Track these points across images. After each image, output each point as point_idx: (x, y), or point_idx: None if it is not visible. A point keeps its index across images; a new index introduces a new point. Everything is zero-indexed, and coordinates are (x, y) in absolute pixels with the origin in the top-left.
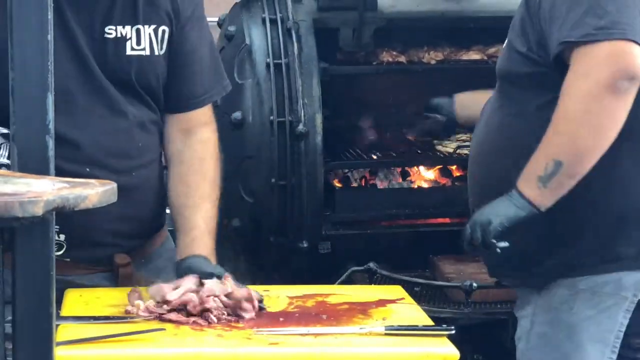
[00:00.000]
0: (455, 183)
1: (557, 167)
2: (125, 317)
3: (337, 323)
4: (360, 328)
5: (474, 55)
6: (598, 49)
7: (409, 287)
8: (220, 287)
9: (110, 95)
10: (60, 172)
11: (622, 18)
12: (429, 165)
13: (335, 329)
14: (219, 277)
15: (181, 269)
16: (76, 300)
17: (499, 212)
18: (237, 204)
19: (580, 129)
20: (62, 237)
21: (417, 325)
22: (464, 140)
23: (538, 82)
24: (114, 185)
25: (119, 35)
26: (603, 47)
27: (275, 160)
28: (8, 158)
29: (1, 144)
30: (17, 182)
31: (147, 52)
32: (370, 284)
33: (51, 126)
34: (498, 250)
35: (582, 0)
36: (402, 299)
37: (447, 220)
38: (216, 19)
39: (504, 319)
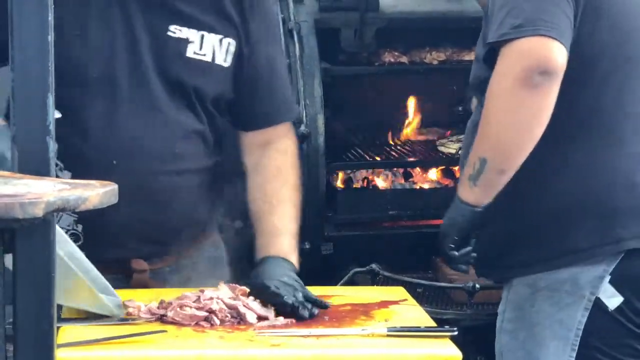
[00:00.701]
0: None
1: (483, 165)
2: (127, 319)
3: (340, 324)
4: (363, 329)
5: None
6: (513, 47)
7: (411, 289)
8: (227, 293)
9: (155, 93)
10: (83, 159)
11: (537, 15)
12: (432, 166)
13: (338, 330)
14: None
15: (253, 274)
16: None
17: (450, 222)
18: (240, 205)
19: (500, 127)
20: (80, 227)
21: (419, 327)
22: None
23: None
24: (115, 186)
25: (182, 36)
26: (517, 45)
27: None
28: None
29: None
30: (17, 183)
31: (209, 59)
32: (373, 285)
33: (52, 127)
34: (456, 254)
35: (507, 3)
36: (405, 300)
37: None
38: None
39: None
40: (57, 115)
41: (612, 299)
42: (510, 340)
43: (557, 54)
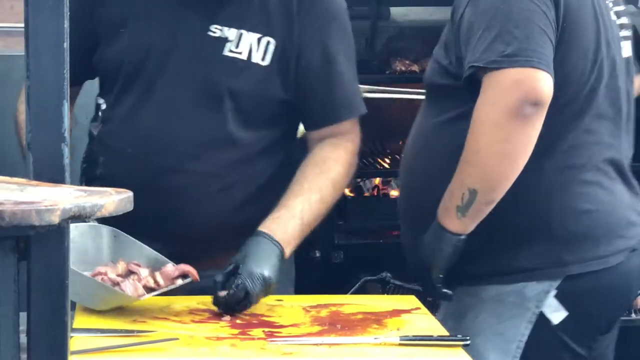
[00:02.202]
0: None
1: (473, 196)
2: (138, 330)
3: (352, 333)
4: (375, 338)
5: None
6: (503, 76)
7: (421, 297)
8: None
9: (186, 94)
10: (102, 143)
11: (529, 45)
12: None
13: (350, 339)
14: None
15: (242, 249)
16: (89, 310)
17: (437, 253)
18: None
19: (489, 158)
20: None
21: (432, 336)
22: None
23: (453, 95)
24: (130, 194)
25: (222, 36)
26: (508, 74)
27: None
28: None
29: None
30: (33, 190)
31: (244, 57)
32: (383, 294)
33: (67, 134)
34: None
35: (493, 25)
36: (417, 309)
37: None
38: None
39: None
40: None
41: (556, 314)
42: None
43: (547, 85)
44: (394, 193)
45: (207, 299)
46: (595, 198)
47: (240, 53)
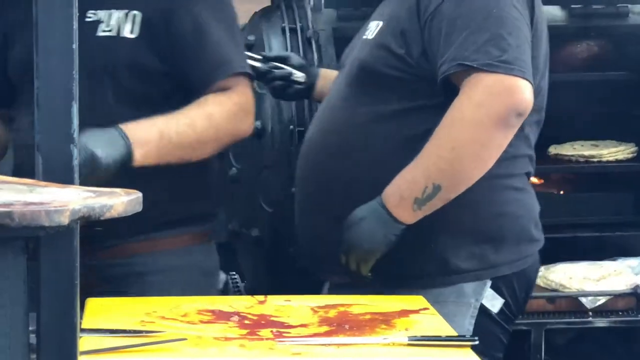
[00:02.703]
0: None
1: (436, 191)
2: (147, 331)
3: (360, 333)
4: (384, 338)
5: None
6: (496, 81)
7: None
8: None
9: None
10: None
11: (521, 55)
12: None
13: (359, 339)
14: None
15: None
16: (97, 310)
17: (381, 240)
18: (257, 213)
19: (465, 158)
20: None
21: (440, 336)
22: None
23: (403, 87)
24: (139, 194)
25: (95, 19)
26: (502, 80)
27: (295, 170)
28: None
29: None
30: (42, 191)
31: (115, 34)
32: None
33: (76, 135)
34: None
35: (485, 27)
36: (425, 309)
37: None
38: None
39: (525, 330)
40: None
41: (495, 302)
42: None
43: (531, 98)
44: None
45: (216, 300)
46: (521, 202)
47: (110, 30)
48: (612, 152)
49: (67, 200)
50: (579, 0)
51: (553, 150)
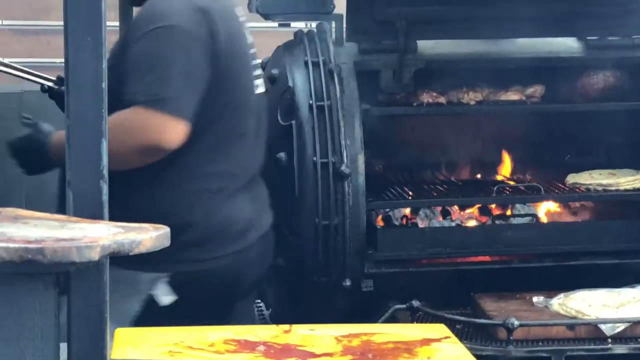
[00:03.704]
0: (495, 221)
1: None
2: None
3: None
4: None
5: (512, 96)
6: (153, 116)
7: (450, 325)
8: None
9: None
10: None
11: (179, 94)
12: (469, 204)
13: None
14: None
15: None
16: (126, 340)
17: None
18: (282, 243)
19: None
20: None
21: None
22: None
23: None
24: (167, 229)
25: None
26: (156, 117)
27: (319, 201)
28: None
29: None
30: (73, 227)
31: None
32: (413, 322)
33: (105, 172)
34: None
35: (153, 63)
36: (447, 337)
37: (488, 258)
38: None
39: (545, 357)
40: None
41: (166, 297)
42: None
43: (182, 138)
44: (422, 223)
45: (242, 329)
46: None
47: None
48: (630, 180)
49: (98, 236)
50: (596, 32)
51: (571, 179)
